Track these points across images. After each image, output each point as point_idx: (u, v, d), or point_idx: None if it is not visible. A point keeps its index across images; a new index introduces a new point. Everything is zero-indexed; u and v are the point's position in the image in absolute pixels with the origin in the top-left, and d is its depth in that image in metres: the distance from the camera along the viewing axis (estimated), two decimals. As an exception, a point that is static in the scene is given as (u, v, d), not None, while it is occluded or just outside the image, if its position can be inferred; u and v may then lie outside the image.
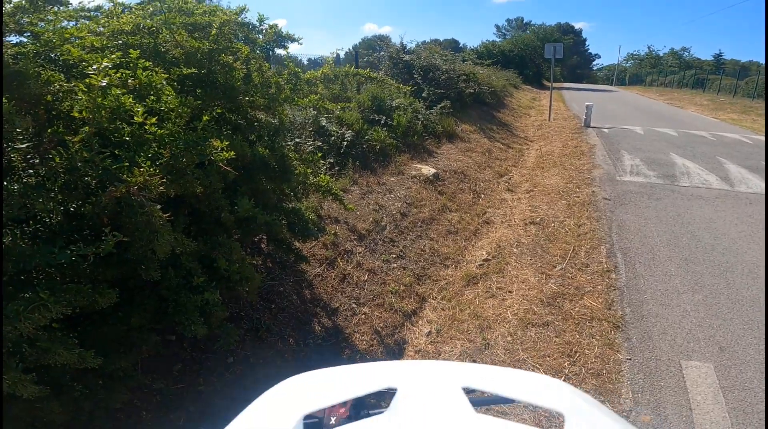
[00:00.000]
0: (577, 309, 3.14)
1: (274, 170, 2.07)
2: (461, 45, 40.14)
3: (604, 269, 3.74)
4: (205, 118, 1.53)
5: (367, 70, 2.99)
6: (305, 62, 10.19)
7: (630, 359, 2.57)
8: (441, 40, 30.39)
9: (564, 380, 2.39)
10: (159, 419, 1.84)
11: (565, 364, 2.53)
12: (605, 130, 11.10)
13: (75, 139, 1.18)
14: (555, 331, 2.87)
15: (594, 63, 58.34)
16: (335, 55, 3.16)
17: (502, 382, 0.66)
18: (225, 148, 1.49)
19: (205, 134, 1.49)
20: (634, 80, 46.64)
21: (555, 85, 14.74)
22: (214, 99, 1.87)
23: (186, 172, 1.42)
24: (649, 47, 64.68)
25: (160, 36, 1.80)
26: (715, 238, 4.35)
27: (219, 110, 1.88)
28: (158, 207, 1.33)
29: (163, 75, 1.51)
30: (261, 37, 2.30)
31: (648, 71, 46.83)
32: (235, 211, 1.82)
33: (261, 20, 2.28)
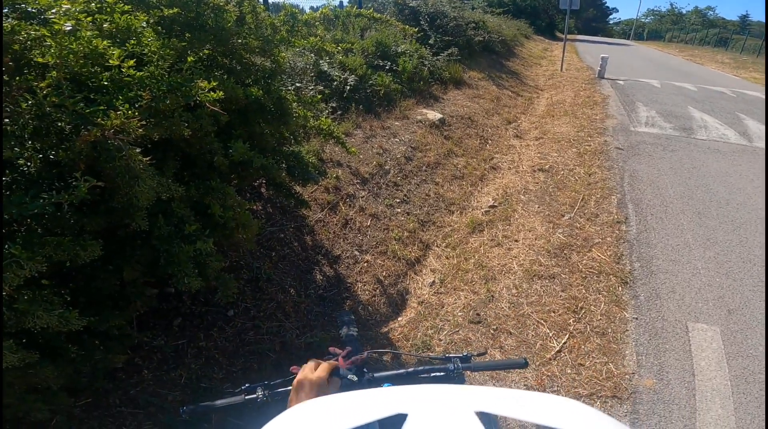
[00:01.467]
0: (584, 261, 3.06)
1: (271, 112, 1.94)
2: None
3: (614, 220, 3.63)
4: (190, 59, 1.43)
5: (370, 10, 2.66)
6: (307, 10, 9.44)
7: (636, 318, 2.53)
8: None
9: (569, 338, 2.40)
10: (160, 378, 1.80)
11: (570, 321, 2.50)
12: (620, 82, 10.60)
13: (42, 85, 1.09)
14: (561, 285, 2.81)
15: (611, 17, 55.97)
16: (337, 1, 2.85)
17: (517, 405, 0.62)
18: (213, 89, 1.37)
19: (192, 76, 1.38)
20: (653, 36, 45.07)
21: (569, 37, 14.08)
22: (203, 42, 1.74)
23: (173, 115, 1.31)
24: (671, 4, 63.10)
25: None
26: (730, 193, 4.20)
27: (207, 51, 1.74)
28: (138, 150, 1.21)
29: (142, 17, 1.39)
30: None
31: (668, 28, 44.92)
32: (230, 155, 1.68)
33: None
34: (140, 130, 1.14)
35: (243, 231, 1.79)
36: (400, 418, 0.58)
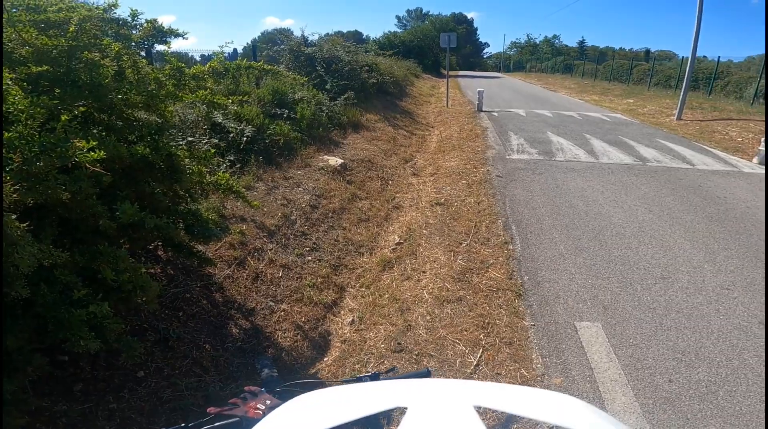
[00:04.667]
0: (484, 282, 3.37)
1: (161, 170, 1.92)
2: (364, 36, 40.75)
3: (502, 241, 4.07)
4: (64, 117, 1.38)
5: (260, 62, 2.79)
6: (197, 58, 9.34)
7: (534, 325, 2.84)
8: (344, 31, 30.28)
9: (483, 352, 2.59)
10: None
11: (481, 336, 2.71)
12: (495, 113, 12.19)
13: None
14: (468, 305, 3.05)
15: (484, 51, 63.89)
16: (231, 50, 2.93)
17: (514, 400, 0.65)
18: (93, 148, 1.34)
19: (67, 135, 1.35)
20: (518, 66, 51.98)
21: (451, 73, 15.91)
22: (76, 99, 1.70)
23: (47, 178, 1.26)
24: (528, 35, 72.89)
25: (4, 35, 1.52)
26: (587, 205, 5.02)
27: (82, 109, 1.70)
28: (14, 217, 1.12)
29: (8, 75, 1.37)
30: (135, 32, 2.12)
31: (528, 58, 52.54)
32: (117, 218, 1.60)
33: (134, 15, 2.11)
34: (14, 196, 1.07)
35: (142, 294, 1.69)
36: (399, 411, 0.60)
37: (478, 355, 2.55)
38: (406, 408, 0.58)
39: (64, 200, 1.37)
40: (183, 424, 0.92)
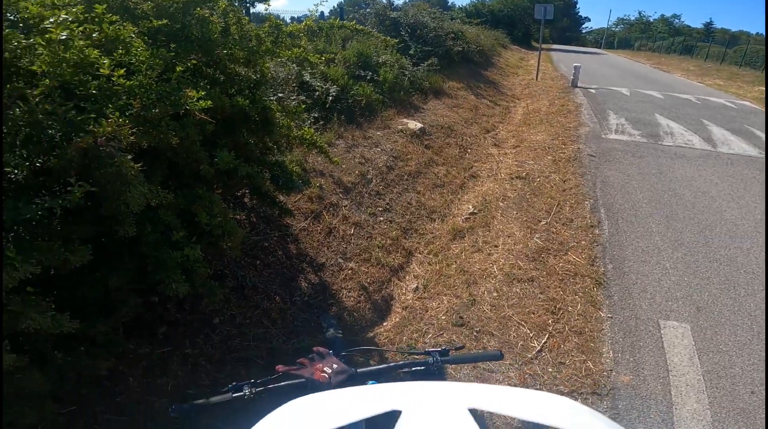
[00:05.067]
0: (561, 264, 3.17)
1: (255, 122, 1.99)
2: (450, 3, 38.49)
3: (587, 224, 3.77)
4: (179, 68, 1.47)
5: (353, 22, 2.75)
6: (288, 20, 9.61)
7: (611, 317, 2.64)
8: (430, -3, 28.76)
9: (548, 338, 2.48)
10: (146, 385, 1.79)
11: (549, 321, 2.58)
12: (592, 90, 11.04)
13: (35, 92, 1.12)
14: (540, 287, 2.90)
15: (583, 26, 58.19)
16: (319, 12, 2.93)
17: (509, 402, 0.64)
18: (201, 98, 1.42)
19: (180, 85, 1.42)
20: (623, 44, 46.75)
21: (543, 46, 14.75)
22: (189, 53, 1.80)
23: (160, 124, 1.35)
24: (639, 13, 66.03)
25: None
26: (696, 197, 4.42)
27: (194, 61, 1.79)
28: (129, 157, 1.23)
29: (131, 28, 1.43)
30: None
31: (637, 36, 46.99)
32: (215, 164, 1.71)
33: None
34: (131, 138, 1.18)
35: (228, 239, 1.81)
36: (394, 414, 0.59)
37: (543, 341, 2.45)
38: (399, 411, 0.57)
39: (173, 145, 1.48)
40: (252, 380, 0.98)
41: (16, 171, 1.21)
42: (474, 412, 0.57)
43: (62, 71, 1.13)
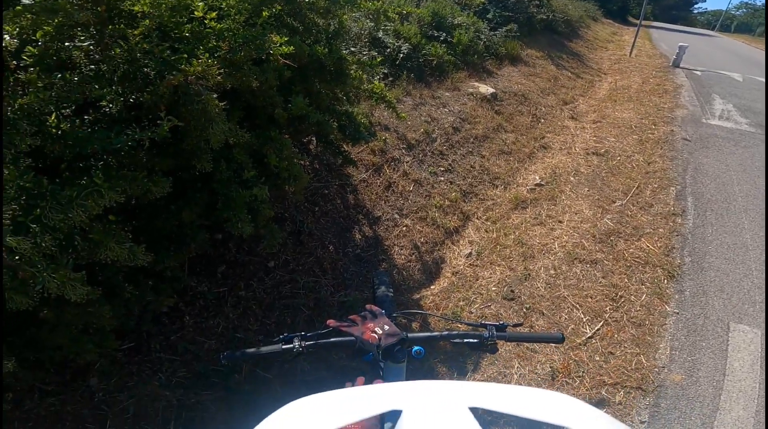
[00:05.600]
0: (631, 250, 2.96)
1: (330, 72, 1.94)
2: None
3: (669, 212, 3.45)
4: (265, 13, 1.46)
5: None
6: None
7: (678, 313, 2.45)
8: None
9: (603, 325, 2.36)
10: (200, 325, 1.88)
11: (607, 308, 2.45)
12: (697, 72, 9.74)
13: (135, 32, 1.17)
14: (602, 271, 2.74)
15: (696, 6, 50.03)
16: None
17: (511, 400, 0.63)
18: (284, 44, 1.41)
19: (264, 30, 1.42)
20: (742, 29, 40.55)
21: (644, 23, 12.87)
22: (274, 1, 1.73)
23: (243, 67, 1.36)
24: None
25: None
26: (806, 196, 3.85)
27: (279, 7, 1.75)
28: (215, 96, 1.27)
29: None
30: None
31: (761, 22, 39.79)
32: (289, 109, 1.73)
33: None
34: (219, 78, 1.20)
35: (294, 183, 1.85)
36: (394, 414, 0.59)
37: (596, 328, 2.34)
38: (400, 411, 0.57)
39: (253, 88, 1.51)
40: (303, 333, 0.97)
41: (111, 105, 1.27)
42: (475, 411, 0.57)
43: (161, 13, 1.17)
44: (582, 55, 9.73)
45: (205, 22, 1.27)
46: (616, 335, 2.31)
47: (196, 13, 1.24)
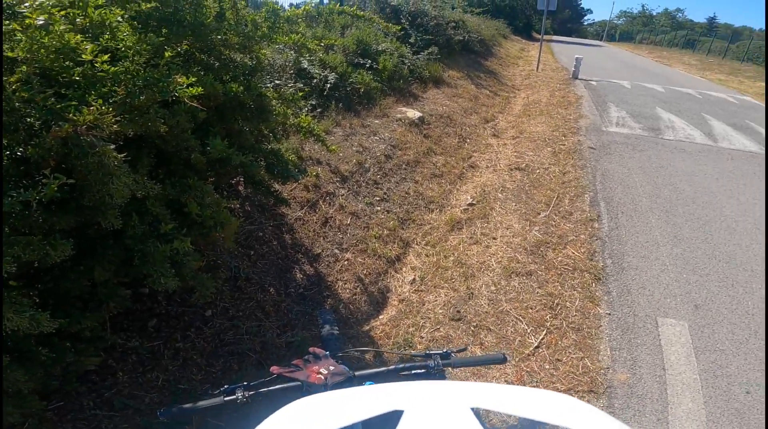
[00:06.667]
0: (560, 258, 3.14)
1: (250, 109, 1.91)
2: None
3: (587, 218, 3.73)
4: (167, 54, 1.38)
5: (354, 7, 2.65)
6: (287, 6, 9.35)
7: (609, 314, 2.61)
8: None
9: (546, 334, 2.45)
10: (136, 380, 1.74)
11: (547, 317, 2.56)
12: (593, 82, 10.96)
13: (11, 79, 1.06)
14: (538, 282, 2.87)
15: (585, 18, 57.59)
16: None
17: (512, 401, 0.64)
18: (192, 84, 1.33)
19: (169, 71, 1.35)
20: (624, 37, 46.94)
21: (545, 37, 14.52)
22: (181, 38, 1.71)
23: (148, 111, 1.27)
24: (643, 6, 66.15)
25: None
26: (696, 192, 4.39)
27: (185, 46, 1.69)
28: (112, 147, 1.16)
29: (118, 12, 1.36)
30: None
31: (639, 29, 47.20)
32: (207, 152, 1.64)
33: None
34: (114, 126, 1.10)
35: (221, 229, 1.75)
36: (396, 414, 0.58)
37: (540, 337, 2.42)
38: (402, 411, 0.57)
39: (162, 133, 1.41)
40: (245, 383, 0.94)
41: (-6, 160, 1.13)
42: (477, 412, 0.57)
43: (41, 57, 1.06)
44: (497, 72, 10.55)
45: (97, 65, 1.17)
46: (559, 342, 2.40)
47: (84, 56, 1.14)
